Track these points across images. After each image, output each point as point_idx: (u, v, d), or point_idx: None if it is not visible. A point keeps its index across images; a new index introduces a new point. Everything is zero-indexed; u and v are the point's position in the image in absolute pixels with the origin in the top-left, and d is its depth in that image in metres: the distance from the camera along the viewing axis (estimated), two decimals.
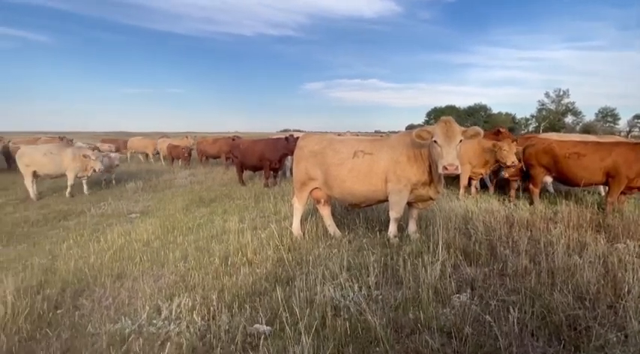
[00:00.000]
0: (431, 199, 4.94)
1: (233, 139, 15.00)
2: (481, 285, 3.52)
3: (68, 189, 10.00)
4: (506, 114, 65.67)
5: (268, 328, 2.95)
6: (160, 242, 5.45)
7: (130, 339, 2.90)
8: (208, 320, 3.11)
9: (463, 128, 4.39)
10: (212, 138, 18.21)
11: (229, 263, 4.39)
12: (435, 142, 4.28)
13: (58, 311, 3.49)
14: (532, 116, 61.97)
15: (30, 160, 9.65)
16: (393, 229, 4.89)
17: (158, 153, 19.96)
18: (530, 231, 5.08)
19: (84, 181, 10.46)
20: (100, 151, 12.57)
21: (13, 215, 7.91)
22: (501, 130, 9.53)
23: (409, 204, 5.01)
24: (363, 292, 3.40)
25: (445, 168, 4.15)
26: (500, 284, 3.49)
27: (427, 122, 62.45)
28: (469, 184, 8.43)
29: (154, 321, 3.13)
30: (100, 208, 8.32)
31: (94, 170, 10.20)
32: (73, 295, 3.79)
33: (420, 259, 3.85)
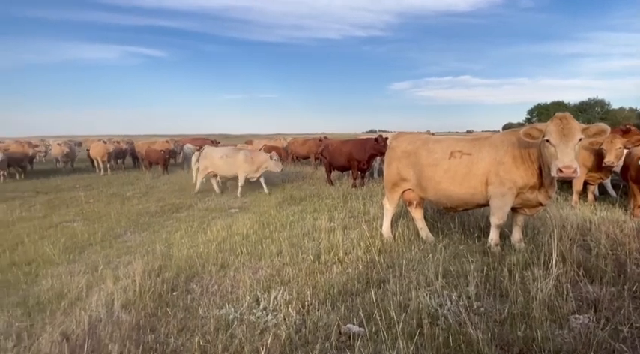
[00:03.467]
0: (540, 204, 4.42)
1: (320, 140, 15.35)
2: (607, 307, 3.03)
3: (239, 189, 10.21)
4: (630, 109, 56.08)
5: (362, 329, 2.93)
6: (257, 237, 5.82)
7: (233, 325, 3.13)
8: (303, 315, 3.22)
9: (583, 125, 3.84)
10: (302, 139, 18.86)
11: (321, 261, 4.48)
12: (547, 141, 3.82)
13: (174, 293, 3.94)
14: None
15: (210, 162, 10.46)
16: (494, 236, 4.50)
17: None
18: None
19: (262, 181, 10.47)
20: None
21: (137, 207, 9.18)
22: (630, 127, 8.14)
23: (514, 210, 4.55)
24: (462, 302, 3.18)
25: (560, 171, 3.67)
26: (633, 308, 2.97)
27: (529, 120, 56.30)
28: (584, 189, 7.37)
29: (254, 310, 3.33)
30: (205, 203, 9.22)
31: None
32: (185, 280, 4.24)
33: (529, 271, 3.47)
